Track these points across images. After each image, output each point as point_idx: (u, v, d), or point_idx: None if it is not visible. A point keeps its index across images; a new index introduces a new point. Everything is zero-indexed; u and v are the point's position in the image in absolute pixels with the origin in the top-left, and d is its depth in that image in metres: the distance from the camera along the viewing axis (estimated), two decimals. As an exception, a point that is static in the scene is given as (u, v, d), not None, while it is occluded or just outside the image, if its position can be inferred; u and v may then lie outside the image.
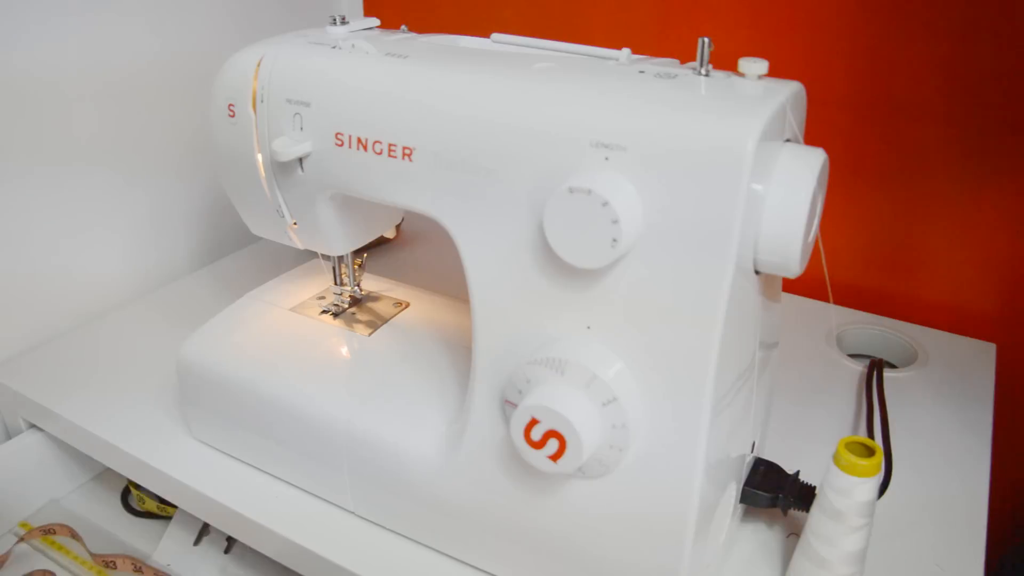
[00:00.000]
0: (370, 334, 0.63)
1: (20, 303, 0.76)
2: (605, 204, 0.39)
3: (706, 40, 0.44)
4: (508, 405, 0.47)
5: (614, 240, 0.39)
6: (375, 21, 0.59)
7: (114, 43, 0.79)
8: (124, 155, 0.83)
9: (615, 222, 0.39)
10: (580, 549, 0.48)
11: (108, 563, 0.65)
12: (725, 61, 0.47)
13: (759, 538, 0.57)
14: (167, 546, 0.68)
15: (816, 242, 0.48)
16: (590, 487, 0.46)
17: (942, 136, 0.78)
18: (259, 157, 0.55)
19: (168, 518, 0.71)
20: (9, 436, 0.78)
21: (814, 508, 0.50)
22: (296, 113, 0.52)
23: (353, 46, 0.53)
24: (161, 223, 0.89)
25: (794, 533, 0.56)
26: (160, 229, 0.89)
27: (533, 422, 0.43)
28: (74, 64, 0.76)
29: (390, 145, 0.48)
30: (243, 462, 0.63)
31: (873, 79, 0.79)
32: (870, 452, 0.48)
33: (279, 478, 0.61)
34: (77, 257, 0.81)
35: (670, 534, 0.45)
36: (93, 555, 0.66)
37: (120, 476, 0.74)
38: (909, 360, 0.77)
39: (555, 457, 0.43)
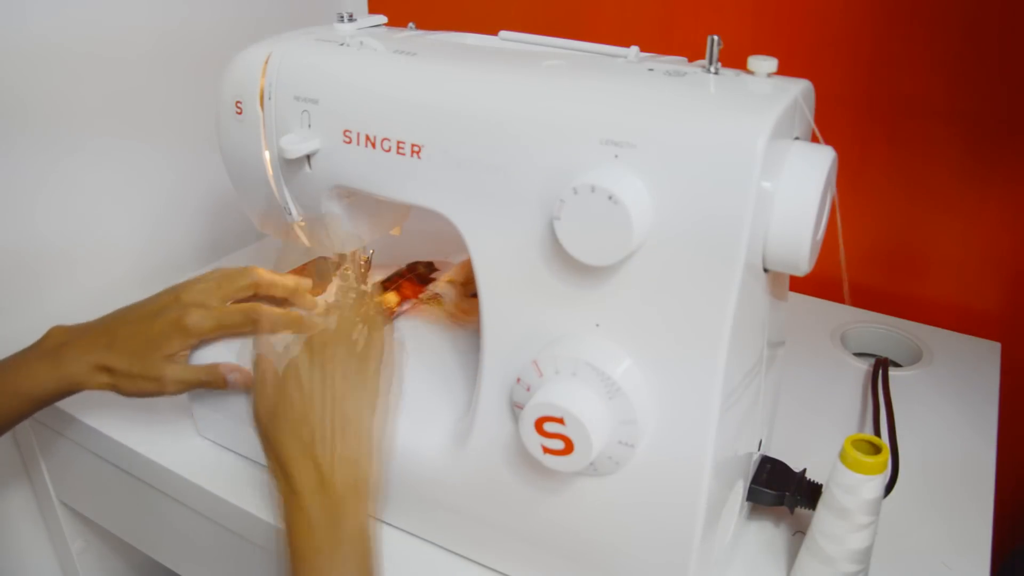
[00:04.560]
0: (376, 331, 0.63)
1: (25, 303, 0.76)
2: (615, 201, 0.39)
3: (715, 38, 0.44)
4: (516, 401, 0.47)
5: (623, 237, 0.39)
6: (382, 18, 0.59)
7: (119, 41, 0.79)
8: (127, 154, 0.83)
9: (625, 219, 0.39)
10: (588, 546, 0.48)
11: None
12: (732, 59, 0.47)
13: (765, 535, 0.57)
14: None
15: (838, 242, 0.48)
16: (598, 484, 0.46)
17: (948, 135, 0.78)
18: (266, 154, 0.55)
19: None
20: (15, 436, 0.78)
21: (820, 506, 0.50)
22: (304, 110, 0.52)
23: (361, 43, 0.53)
24: (166, 221, 0.89)
25: (800, 531, 0.56)
26: (165, 227, 0.89)
27: (542, 419, 0.43)
28: (80, 61, 0.76)
29: (399, 142, 0.48)
30: (251, 460, 0.63)
31: (880, 78, 0.79)
32: (876, 450, 0.48)
33: (285, 475, 0.61)
34: (81, 256, 0.81)
35: (678, 531, 0.45)
36: None
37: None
38: (914, 359, 0.77)
39: (564, 454, 0.43)
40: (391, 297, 0.66)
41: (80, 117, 0.77)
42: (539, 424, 0.43)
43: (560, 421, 0.42)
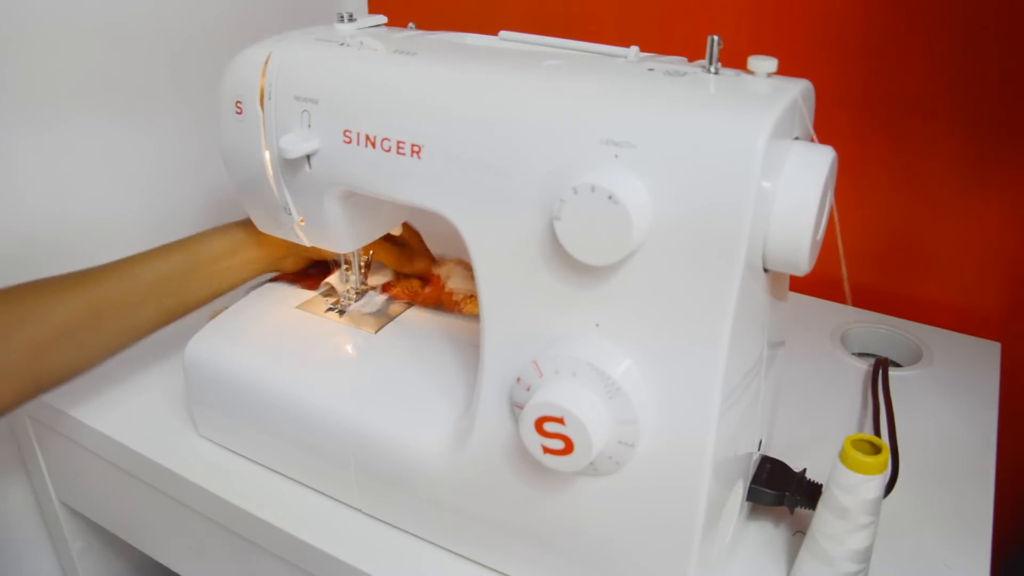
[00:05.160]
0: (377, 331, 0.63)
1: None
2: (615, 201, 0.39)
3: (715, 38, 0.44)
4: (516, 401, 0.47)
5: (623, 237, 0.39)
6: (382, 18, 0.59)
7: (118, 42, 0.79)
8: (127, 154, 0.83)
9: (625, 219, 0.39)
10: (588, 546, 0.48)
11: None
12: (732, 59, 0.47)
13: (765, 536, 0.57)
14: None
15: (837, 244, 0.48)
16: (598, 484, 0.46)
17: (948, 135, 0.78)
18: (266, 154, 0.55)
19: None
20: (15, 436, 0.78)
21: (820, 506, 0.50)
22: (304, 110, 0.52)
23: (361, 43, 0.53)
24: (166, 220, 0.89)
25: (800, 531, 0.56)
26: (165, 226, 0.89)
27: (542, 419, 0.43)
28: (81, 62, 0.76)
29: (399, 142, 0.48)
30: (250, 460, 0.63)
31: (879, 77, 0.79)
32: (876, 450, 0.48)
33: (286, 476, 0.61)
34: (82, 254, 0.81)
35: (678, 532, 0.45)
36: None
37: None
38: (914, 359, 0.77)
39: (564, 454, 0.43)
40: (414, 283, 0.67)
41: (79, 118, 0.77)
42: (539, 424, 0.43)
43: (560, 421, 0.42)
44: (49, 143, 0.76)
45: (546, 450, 0.44)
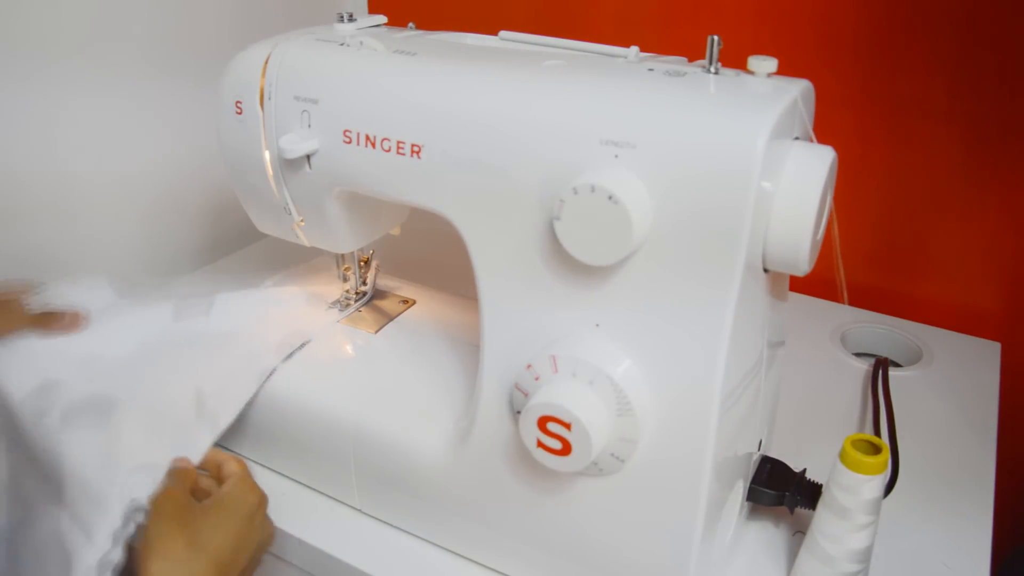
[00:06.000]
0: (376, 331, 0.63)
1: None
2: (615, 201, 0.39)
3: (715, 38, 0.44)
4: (516, 401, 0.47)
5: (623, 237, 0.39)
6: (382, 18, 0.59)
7: (119, 42, 0.79)
8: (126, 155, 0.83)
9: (625, 219, 0.39)
10: (588, 546, 0.48)
11: None
12: (732, 59, 0.47)
13: (765, 535, 0.57)
14: None
15: (834, 242, 0.48)
16: (598, 484, 0.46)
17: (948, 135, 0.78)
18: (266, 154, 0.55)
19: None
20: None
21: (820, 506, 0.50)
22: (304, 110, 0.52)
23: (361, 43, 0.53)
24: (166, 221, 0.89)
25: (800, 531, 0.56)
26: (165, 227, 0.89)
27: (542, 419, 0.43)
28: (80, 61, 0.76)
29: (399, 142, 0.48)
30: (249, 459, 0.63)
31: (880, 78, 0.79)
32: (876, 450, 0.48)
33: (285, 475, 0.61)
34: (80, 258, 0.81)
35: (678, 532, 0.45)
36: None
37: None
38: (914, 359, 0.77)
39: (564, 454, 0.43)
40: None
41: (78, 119, 0.77)
42: (539, 424, 0.43)
43: (560, 421, 0.42)
44: (52, 165, 0.76)
45: (546, 450, 0.44)
